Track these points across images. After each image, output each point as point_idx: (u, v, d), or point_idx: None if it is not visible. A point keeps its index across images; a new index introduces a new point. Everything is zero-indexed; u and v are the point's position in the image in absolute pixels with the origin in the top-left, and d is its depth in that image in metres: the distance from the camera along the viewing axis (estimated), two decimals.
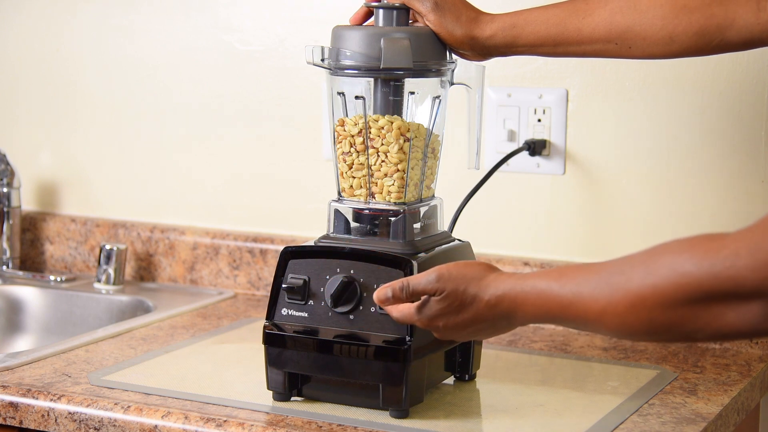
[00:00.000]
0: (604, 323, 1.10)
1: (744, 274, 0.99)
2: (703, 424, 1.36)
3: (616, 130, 1.75)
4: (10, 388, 1.45)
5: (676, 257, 1.03)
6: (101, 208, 2.13)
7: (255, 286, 1.97)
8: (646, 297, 1.05)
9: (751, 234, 0.99)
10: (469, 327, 1.23)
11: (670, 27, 1.37)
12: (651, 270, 1.05)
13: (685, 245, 1.03)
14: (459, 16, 1.40)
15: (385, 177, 1.39)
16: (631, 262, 1.08)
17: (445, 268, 1.24)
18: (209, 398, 1.41)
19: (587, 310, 1.11)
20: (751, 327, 1.02)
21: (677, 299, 1.03)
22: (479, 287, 1.21)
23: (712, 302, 1.02)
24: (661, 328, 1.06)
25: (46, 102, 2.16)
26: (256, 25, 1.98)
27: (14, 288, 2.02)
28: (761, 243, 0.98)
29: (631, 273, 1.07)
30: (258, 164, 2.00)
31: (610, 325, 1.09)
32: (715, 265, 1.00)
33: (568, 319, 1.14)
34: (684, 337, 1.07)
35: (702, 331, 1.04)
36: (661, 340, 1.14)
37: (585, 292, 1.11)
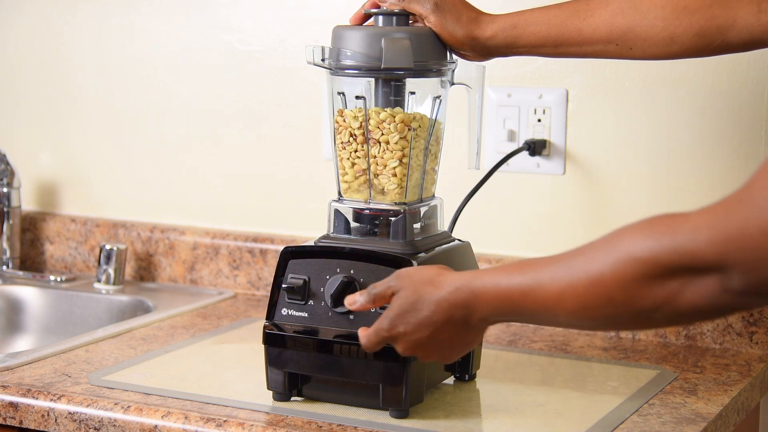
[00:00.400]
0: (563, 306, 1.10)
1: (703, 247, 0.99)
2: (703, 424, 1.36)
3: (616, 130, 1.75)
4: (10, 388, 1.45)
5: (637, 236, 1.04)
6: (101, 208, 2.13)
7: (255, 286, 1.97)
8: (605, 275, 1.06)
9: (713, 211, 1.00)
10: (428, 328, 1.21)
11: (671, 28, 1.37)
12: (611, 251, 1.06)
13: (645, 225, 1.04)
14: (459, 16, 1.40)
15: (385, 168, 1.39)
16: (592, 246, 1.09)
17: (404, 269, 1.27)
18: (209, 398, 1.41)
19: (547, 293, 1.11)
20: (707, 303, 1.02)
21: (636, 276, 1.03)
22: (437, 282, 1.22)
23: (670, 277, 1.02)
24: (620, 307, 1.06)
25: (46, 102, 2.16)
26: (256, 25, 1.98)
27: (14, 288, 2.02)
28: (722, 218, 0.98)
29: (591, 255, 1.08)
30: (258, 164, 2.00)
31: (569, 307, 1.09)
32: (675, 240, 1.00)
33: (528, 306, 1.13)
34: (641, 318, 1.06)
35: (660, 310, 1.04)
36: (618, 324, 1.12)
37: (545, 278, 1.11)
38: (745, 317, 1.67)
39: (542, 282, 1.12)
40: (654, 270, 1.02)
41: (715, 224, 0.99)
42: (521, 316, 1.16)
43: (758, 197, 0.96)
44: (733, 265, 0.98)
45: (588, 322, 1.11)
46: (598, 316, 1.09)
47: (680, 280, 1.02)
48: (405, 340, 1.24)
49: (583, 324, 1.12)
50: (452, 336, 1.22)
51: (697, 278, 1.01)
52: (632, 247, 1.04)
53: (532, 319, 1.17)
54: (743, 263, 0.97)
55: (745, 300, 1.01)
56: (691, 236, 1.00)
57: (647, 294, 1.04)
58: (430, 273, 1.23)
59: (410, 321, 1.22)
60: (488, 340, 1.67)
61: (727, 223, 0.98)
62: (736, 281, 0.99)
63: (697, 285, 1.01)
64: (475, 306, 1.18)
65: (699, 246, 0.99)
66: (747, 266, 0.97)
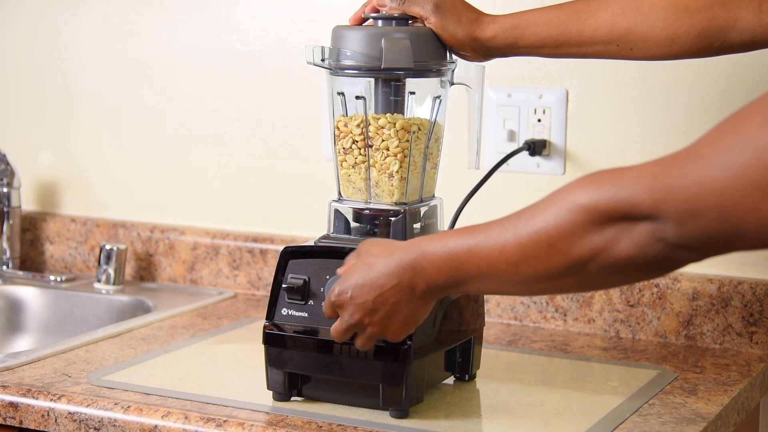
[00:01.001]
0: (505, 257, 1.11)
1: (641, 194, 1.01)
2: (703, 424, 1.36)
3: (616, 130, 1.75)
4: (10, 388, 1.45)
5: (582, 186, 1.06)
6: (101, 208, 2.13)
7: (255, 286, 1.97)
8: (548, 224, 1.07)
9: (657, 163, 1.02)
10: (375, 290, 1.22)
11: (672, 29, 1.37)
12: (556, 202, 1.07)
13: (592, 176, 1.06)
14: (460, 17, 1.40)
15: (386, 170, 1.39)
16: (541, 200, 1.10)
17: (366, 241, 1.30)
18: (209, 398, 1.41)
19: (492, 247, 1.13)
20: (640, 252, 1.03)
21: (577, 222, 1.05)
22: (389, 246, 1.24)
23: (609, 224, 1.03)
24: (558, 256, 1.07)
25: (46, 102, 2.16)
26: (256, 25, 1.98)
27: (14, 288, 2.02)
28: (664, 169, 1.00)
29: (538, 208, 1.10)
30: (258, 164, 2.00)
31: (511, 258, 1.11)
32: (617, 188, 1.02)
33: (473, 263, 1.15)
34: (579, 271, 1.08)
35: (596, 259, 1.05)
36: (556, 280, 1.12)
37: (492, 234, 1.14)
38: (745, 317, 1.67)
39: (489, 238, 1.14)
40: (594, 217, 1.04)
41: (656, 173, 1.00)
42: (467, 279, 1.17)
43: (702, 152, 0.98)
44: (667, 214, 0.99)
45: (529, 278, 1.12)
46: (539, 268, 1.10)
47: (618, 227, 1.03)
48: (352, 305, 1.25)
49: (525, 282, 1.13)
50: (398, 303, 1.23)
51: (633, 226, 1.02)
52: (576, 196, 1.06)
53: (478, 280, 1.17)
54: (677, 213, 0.99)
55: (678, 253, 1.02)
56: (631, 183, 1.02)
57: (585, 241, 1.05)
58: (384, 241, 1.26)
59: (358, 284, 1.24)
60: (488, 340, 1.68)
61: (667, 174, 0.99)
62: (669, 231, 1.00)
63: (632, 232, 1.03)
64: (423, 267, 1.19)
65: (637, 192, 1.01)
66: (680, 216, 0.99)
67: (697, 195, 0.97)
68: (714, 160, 0.96)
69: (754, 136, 0.94)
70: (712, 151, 0.97)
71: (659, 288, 1.72)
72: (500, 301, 1.80)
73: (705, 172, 0.96)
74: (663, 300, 1.72)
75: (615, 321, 1.75)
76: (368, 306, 1.24)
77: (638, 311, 1.73)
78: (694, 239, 1.00)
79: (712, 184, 0.96)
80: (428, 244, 1.19)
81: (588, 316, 1.76)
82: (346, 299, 1.25)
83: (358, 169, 1.40)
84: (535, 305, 1.79)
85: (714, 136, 0.98)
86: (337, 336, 1.29)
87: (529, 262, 1.10)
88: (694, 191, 0.97)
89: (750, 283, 1.68)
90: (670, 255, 1.03)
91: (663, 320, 1.72)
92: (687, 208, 0.98)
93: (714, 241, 0.99)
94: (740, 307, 1.67)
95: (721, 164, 0.95)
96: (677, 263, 1.04)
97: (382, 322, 1.25)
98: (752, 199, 0.94)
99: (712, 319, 1.69)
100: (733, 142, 0.95)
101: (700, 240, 0.99)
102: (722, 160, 0.95)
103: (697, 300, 1.70)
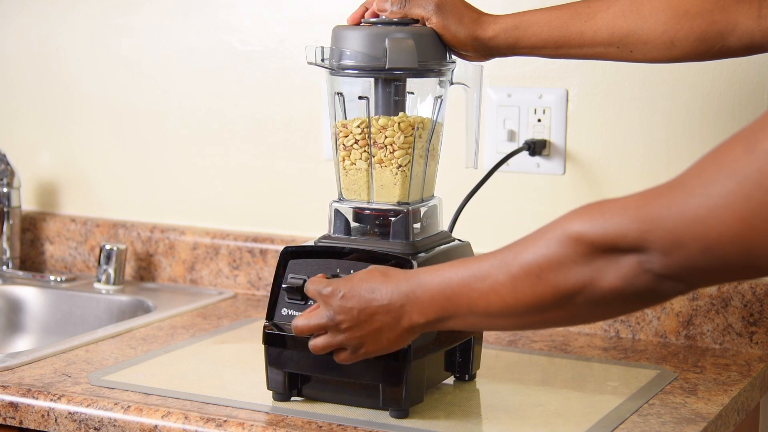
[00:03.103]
0: (496, 290, 1.12)
1: (628, 225, 1.01)
2: (703, 424, 1.36)
3: (616, 130, 1.75)
4: (10, 388, 1.45)
5: (572, 218, 1.06)
6: (101, 208, 2.13)
7: (255, 286, 1.97)
8: (539, 258, 1.08)
9: (644, 194, 1.02)
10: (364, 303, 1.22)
11: (672, 32, 1.37)
12: (548, 237, 1.08)
13: (582, 209, 1.07)
14: (461, 17, 1.40)
15: (387, 171, 1.39)
16: (535, 232, 1.11)
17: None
18: (209, 398, 1.41)
19: (484, 280, 1.13)
20: (627, 284, 1.04)
21: (566, 254, 1.06)
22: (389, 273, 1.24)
23: (596, 257, 1.04)
24: (547, 288, 1.08)
25: (45, 102, 2.16)
26: (256, 25, 1.98)
27: (14, 288, 2.02)
28: (649, 200, 1.01)
29: (530, 240, 1.10)
30: (258, 164, 2.00)
31: (501, 291, 1.11)
32: (604, 219, 1.03)
33: (465, 295, 1.15)
34: (567, 304, 1.08)
35: (583, 291, 1.06)
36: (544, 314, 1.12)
37: (485, 266, 1.14)
38: (745, 317, 1.67)
39: (481, 269, 1.14)
40: (582, 248, 1.05)
41: (642, 205, 1.01)
42: (457, 313, 1.17)
43: (686, 184, 0.99)
44: (653, 245, 1.00)
45: (517, 311, 1.12)
46: (528, 300, 1.10)
47: (605, 259, 1.04)
48: (338, 305, 1.24)
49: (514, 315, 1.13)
50: (382, 328, 1.23)
51: (620, 257, 1.03)
52: (565, 227, 1.06)
53: (468, 313, 1.17)
54: (662, 243, 0.99)
55: (664, 285, 1.03)
56: (618, 215, 1.02)
57: (573, 273, 1.06)
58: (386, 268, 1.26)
59: (353, 290, 1.23)
60: (488, 340, 1.68)
61: (653, 205, 1.00)
62: (655, 262, 1.01)
63: (619, 264, 1.03)
64: (417, 296, 1.19)
65: (624, 224, 1.02)
66: (665, 247, 0.99)
67: (681, 225, 0.98)
68: (698, 190, 0.97)
69: (735, 166, 0.95)
70: (696, 182, 0.98)
71: None
72: None
73: (689, 203, 0.97)
74: None
75: (615, 321, 1.74)
76: (353, 314, 1.24)
77: (638, 311, 1.73)
78: (679, 270, 1.00)
79: (696, 215, 0.97)
80: (425, 275, 1.20)
81: None
82: (337, 296, 1.25)
83: (360, 169, 1.40)
84: None
85: (698, 168, 0.99)
86: (309, 329, 1.28)
87: (518, 293, 1.11)
88: (678, 221, 0.98)
89: (750, 283, 1.67)
90: (656, 287, 1.03)
91: (663, 320, 1.72)
92: (672, 238, 0.99)
93: (699, 271, 1.00)
94: (740, 307, 1.68)
95: (705, 194, 0.96)
96: (664, 295, 1.05)
97: (362, 337, 1.25)
98: (735, 229, 0.95)
99: (712, 319, 1.69)
100: (716, 172, 0.96)
101: (685, 270, 1.00)
102: (706, 191, 0.96)
103: (697, 300, 1.70)
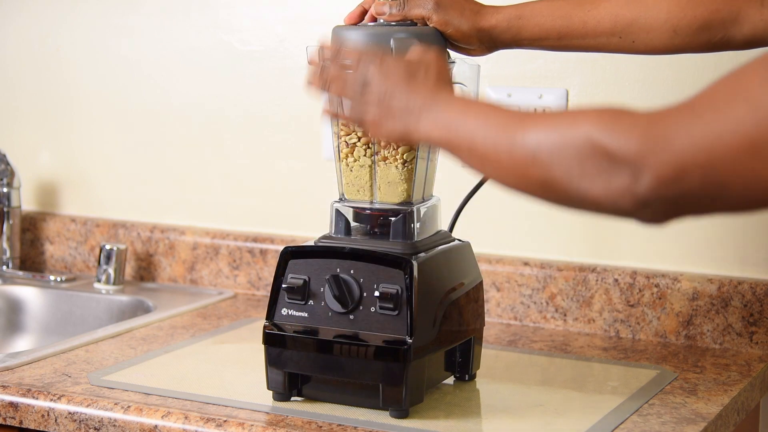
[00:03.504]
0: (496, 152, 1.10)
1: (631, 141, 0.99)
2: (703, 424, 1.36)
3: None
4: (10, 388, 1.45)
5: (588, 119, 1.03)
6: (101, 208, 2.13)
7: (255, 286, 1.97)
8: (544, 138, 1.05)
9: (654, 114, 1.00)
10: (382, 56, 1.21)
11: (675, 20, 1.37)
12: (565, 125, 1.05)
13: (601, 110, 1.04)
14: (462, 10, 1.40)
15: (388, 170, 1.39)
16: (560, 116, 1.08)
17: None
18: (209, 398, 1.41)
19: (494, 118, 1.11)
20: (608, 197, 1.01)
21: (566, 149, 1.03)
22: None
23: (592, 159, 1.01)
24: (536, 171, 1.06)
25: (45, 102, 2.16)
26: (256, 25, 1.98)
27: (14, 288, 2.02)
28: (659, 120, 0.99)
29: (548, 120, 1.07)
30: (258, 164, 2.00)
31: (498, 140, 1.10)
32: (613, 129, 1.01)
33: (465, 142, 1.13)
34: (548, 186, 1.06)
35: (566, 189, 1.04)
36: (523, 183, 1.11)
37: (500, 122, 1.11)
38: (745, 317, 1.67)
39: (499, 113, 1.12)
40: (586, 150, 1.02)
41: (650, 124, 0.99)
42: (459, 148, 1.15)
43: (697, 108, 0.97)
44: (650, 166, 0.98)
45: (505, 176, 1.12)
46: (516, 169, 1.09)
47: (599, 167, 1.01)
48: (358, 58, 1.22)
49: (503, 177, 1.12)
50: (396, 70, 1.20)
51: (614, 171, 1.00)
52: (581, 123, 1.03)
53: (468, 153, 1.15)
54: (660, 166, 0.97)
55: (642, 212, 1.00)
56: (627, 128, 1.00)
57: (564, 165, 1.04)
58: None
59: (377, 60, 1.21)
60: (488, 340, 1.68)
61: (659, 126, 0.98)
62: (644, 186, 0.98)
63: (610, 177, 1.01)
64: (432, 113, 1.17)
65: (628, 138, 0.99)
66: (663, 169, 0.97)
67: (686, 149, 0.96)
68: (708, 115, 0.95)
69: (750, 94, 0.93)
70: (708, 106, 0.96)
71: (659, 288, 1.72)
72: (500, 301, 1.80)
73: (697, 126, 0.96)
74: (663, 300, 1.72)
75: (615, 321, 1.75)
76: (371, 70, 1.21)
77: (638, 311, 1.73)
78: (670, 195, 0.98)
79: (703, 139, 0.95)
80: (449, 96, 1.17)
81: (588, 316, 1.76)
82: (356, 52, 1.23)
83: (364, 166, 1.40)
84: (535, 305, 1.79)
85: (710, 93, 0.97)
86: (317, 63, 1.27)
87: (512, 156, 1.08)
88: (684, 145, 0.96)
89: (750, 283, 1.68)
90: (633, 212, 1.01)
91: (663, 320, 1.72)
92: (674, 162, 0.97)
93: (694, 200, 0.98)
94: (740, 307, 1.67)
95: (715, 119, 0.95)
96: (635, 219, 1.03)
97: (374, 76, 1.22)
98: (743, 157, 0.94)
99: (712, 319, 1.69)
100: (729, 99, 0.94)
101: (676, 197, 0.98)
102: (716, 116, 0.95)
103: (697, 300, 1.70)
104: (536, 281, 1.78)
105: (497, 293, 1.80)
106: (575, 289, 1.76)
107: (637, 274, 1.73)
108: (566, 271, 1.77)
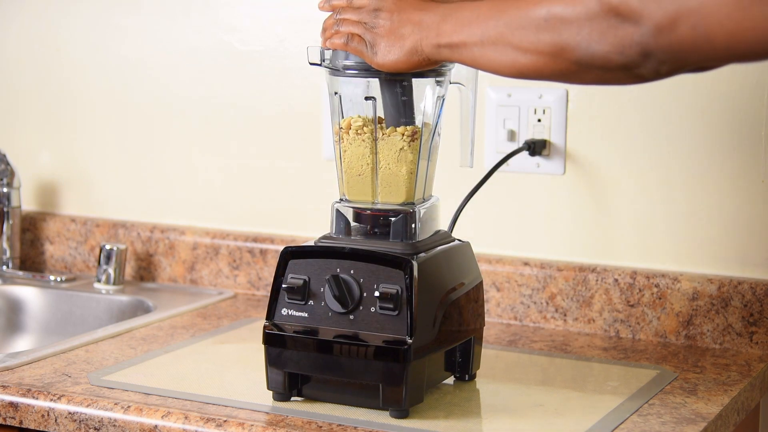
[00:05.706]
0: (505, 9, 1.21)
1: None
2: (703, 424, 1.36)
3: (616, 130, 1.75)
4: (10, 388, 1.45)
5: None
6: (101, 208, 2.13)
7: (255, 286, 1.97)
8: (554, 13, 1.16)
9: None
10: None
11: None
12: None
13: None
14: None
15: (389, 170, 1.39)
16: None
17: None
18: (209, 398, 1.41)
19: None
20: (616, 49, 1.12)
21: (578, 11, 1.14)
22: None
23: (602, 17, 1.13)
24: (547, 35, 1.17)
25: (46, 102, 2.16)
26: (256, 25, 1.98)
27: (14, 288, 2.02)
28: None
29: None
30: (258, 164, 2.00)
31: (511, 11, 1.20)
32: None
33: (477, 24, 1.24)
34: (558, 51, 1.16)
35: (575, 51, 1.15)
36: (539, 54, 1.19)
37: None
38: (745, 317, 1.67)
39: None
40: (596, 8, 1.13)
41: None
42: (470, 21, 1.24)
43: None
44: (649, 19, 1.09)
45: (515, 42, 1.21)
46: (528, 34, 1.19)
47: (607, 23, 1.12)
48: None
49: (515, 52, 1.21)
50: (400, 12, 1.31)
51: (619, 25, 1.12)
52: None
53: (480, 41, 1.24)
54: (658, 16, 1.08)
55: (647, 62, 1.12)
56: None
57: (574, 29, 1.15)
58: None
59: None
60: (488, 340, 1.68)
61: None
62: (647, 35, 1.10)
63: (617, 31, 1.12)
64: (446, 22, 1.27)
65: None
66: (661, 19, 1.08)
67: (679, 3, 1.07)
68: None
69: None
70: None
71: (659, 288, 1.72)
72: (500, 301, 1.81)
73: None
74: (663, 300, 1.72)
75: (615, 321, 1.75)
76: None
77: (638, 311, 1.73)
78: (667, 46, 1.09)
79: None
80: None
81: (588, 316, 1.76)
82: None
83: (365, 170, 1.40)
84: (535, 305, 1.79)
85: None
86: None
87: (525, 28, 1.18)
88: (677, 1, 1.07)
89: (750, 283, 1.68)
90: (640, 62, 1.12)
91: (663, 320, 1.72)
92: (669, 10, 1.07)
93: (685, 50, 1.08)
94: (740, 307, 1.68)
95: None
96: (642, 75, 1.14)
97: (379, 24, 1.31)
98: (727, 8, 1.04)
99: (712, 319, 1.69)
100: None
101: (672, 47, 1.09)
102: None
103: (697, 300, 1.70)
104: (536, 281, 1.78)
105: (497, 293, 1.80)
106: (575, 289, 1.76)
107: (637, 274, 1.73)
108: (566, 271, 1.77)
